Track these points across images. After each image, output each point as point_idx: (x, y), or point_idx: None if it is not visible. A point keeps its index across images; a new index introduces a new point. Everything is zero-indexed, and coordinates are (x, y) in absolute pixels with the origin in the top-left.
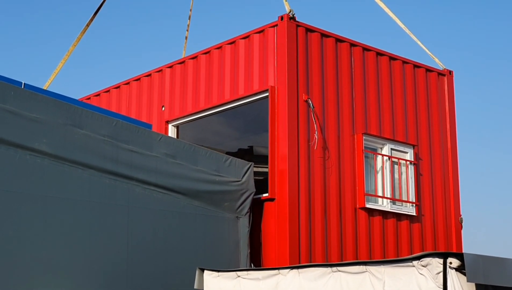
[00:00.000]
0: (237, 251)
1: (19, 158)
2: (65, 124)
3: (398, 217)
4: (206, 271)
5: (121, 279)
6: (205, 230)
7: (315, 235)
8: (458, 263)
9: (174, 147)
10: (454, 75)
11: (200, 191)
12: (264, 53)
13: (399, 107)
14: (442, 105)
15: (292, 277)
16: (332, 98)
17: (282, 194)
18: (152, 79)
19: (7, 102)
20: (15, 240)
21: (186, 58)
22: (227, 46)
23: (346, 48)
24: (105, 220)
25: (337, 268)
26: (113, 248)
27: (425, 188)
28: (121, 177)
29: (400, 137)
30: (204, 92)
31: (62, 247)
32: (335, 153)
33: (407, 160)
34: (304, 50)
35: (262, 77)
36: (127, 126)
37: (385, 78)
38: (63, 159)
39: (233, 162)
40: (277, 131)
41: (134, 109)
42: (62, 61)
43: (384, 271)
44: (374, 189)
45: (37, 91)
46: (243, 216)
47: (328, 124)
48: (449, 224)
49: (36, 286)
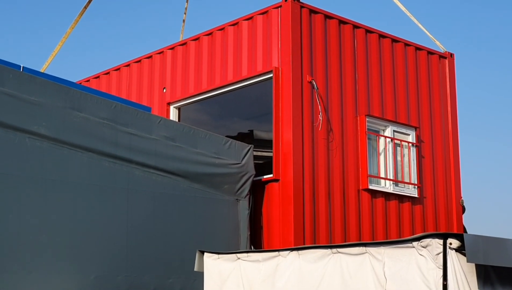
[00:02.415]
0: (237, 233)
1: (18, 141)
2: (64, 107)
3: (400, 198)
4: (206, 253)
5: (121, 262)
6: (204, 212)
7: (319, 216)
8: (458, 244)
9: (174, 129)
10: (455, 58)
11: (200, 173)
12: (268, 34)
13: (401, 89)
14: (443, 87)
15: (292, 259)
16: (336, 80)
17: (287, 175)
18: (153, 60)
19: (6, 85)
20: (15, 223)
21: (188, 39)
22: (230, 28)
23: (349, 30)
24: (105, 203)
25: (337, 249)
26: (112, 231)
27: (426, 170)
28: (120, 160)
29: (402, 119)
30: (206, 74)
31: (61, 229)
32: (339, 134)
33: (409, 142)
34: (308, 31)
35: (266, 59)
36: (127, 109)
37: (387, 60)
38: (62, 142)
39: (233, 145)
40: (281, 113)
41: (135, 91)
42: (59, 44)
43: (384, 252)
44: (377, 171)
45: (36, 74)
46: (243, 199)
47: (331, 106)
48: (450, 206)
49: (36, 269)
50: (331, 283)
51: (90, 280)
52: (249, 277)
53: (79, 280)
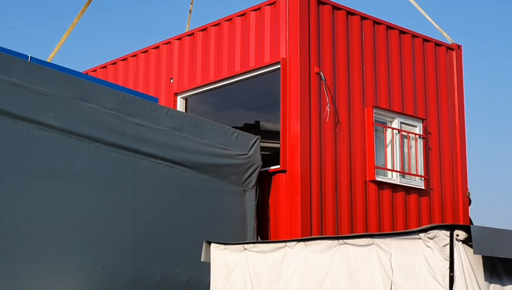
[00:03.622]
0: (244, 224)
1: (26, 132)
2: (71, 98)
3: (407, 190)
4: (213, 244)
5: (128, 251)
6: (211, 203)
7: (326, 207)
8: (464, 235)
9: (181, 120)
10: (462, 50)
11: (207, 164)
12: (276, 25)
13: (408, 80)
14: (450, 79)
15: (299, 250)
16: (343, 71)
17: (294, 166)
18: (160, 51)
19: (14, 75)
20: (22, 213)
21: (195, 30)
22: (237, 18)
23: (357, 21)
24: (112, 193)
25: (343, 240)
26: (120, 221)
27: (433, 162)
28: (128, 150)
29: (410, 111)
30: (213, 65)
31: (69, 220)
32: (346, 126)
33: (416, 134)
34: (316, 22)
35: (274, 49)
36: (134, 99)
37: (395, 51)
38: (70, 132)
39: (240, 136)
40: (288, 104)
41: (142, 82)
42: (66, 34)
43: (391, 243)
44: (384, 163)
45: (43, 64)
46: (250, 190)
47: (339, 97)
48: (456, 198)
49: (43, 258)
50: (337, 274)
51: (97, 270)
52: (255, 268)
53: (86, 269)
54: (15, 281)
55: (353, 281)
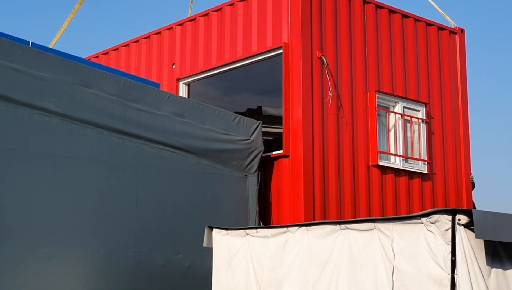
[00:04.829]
0: (246, 209)
1: (27, 117)
2: (73, 83)
3: (410, 175)
4: (215, 229)
5: (130, 237)
6: (213, 188)
7: (329, 192)
8: (466, 220)
9: (183, 106)
10: (465, 34)
11: (209, 149)
12: (278, 10)
13: (411, 65)
14: (453, 63)
15: (301, 235)
16: (346, 56)
17: (297, 151)
18: (162, 36)
19: (15, 61)
20: (24, 199)
21: (197, 15)
22: (239, 3)
23: (359, 5)
24: (114, 179)
25: (345, 225)
26: (121, 207)
27: (436, 147)
28: (129, 136)
29: (412, 95)
30: (216, 50)
31: (70, 206)
32: (349, 110)
33: (419, 118)
34: (318, 6)
35: (276, 34)
36: (135, 85)
37: (397, 35)
38: (72, 118)
39: (242, 121)
40: (291, 89)
41: (144, 67)
42: (68, 19)
43: (393, 228)
44: (386, 147)
45: (44, 50)
46: (252, 175)
47: (341, 82)
48: (460, 182)
49: (45, 244)
50: (339, 259)
51: (99, 255)
52: (258, 253)
53: (88, 255)
54: (18, 267)
55: (355, 265)
